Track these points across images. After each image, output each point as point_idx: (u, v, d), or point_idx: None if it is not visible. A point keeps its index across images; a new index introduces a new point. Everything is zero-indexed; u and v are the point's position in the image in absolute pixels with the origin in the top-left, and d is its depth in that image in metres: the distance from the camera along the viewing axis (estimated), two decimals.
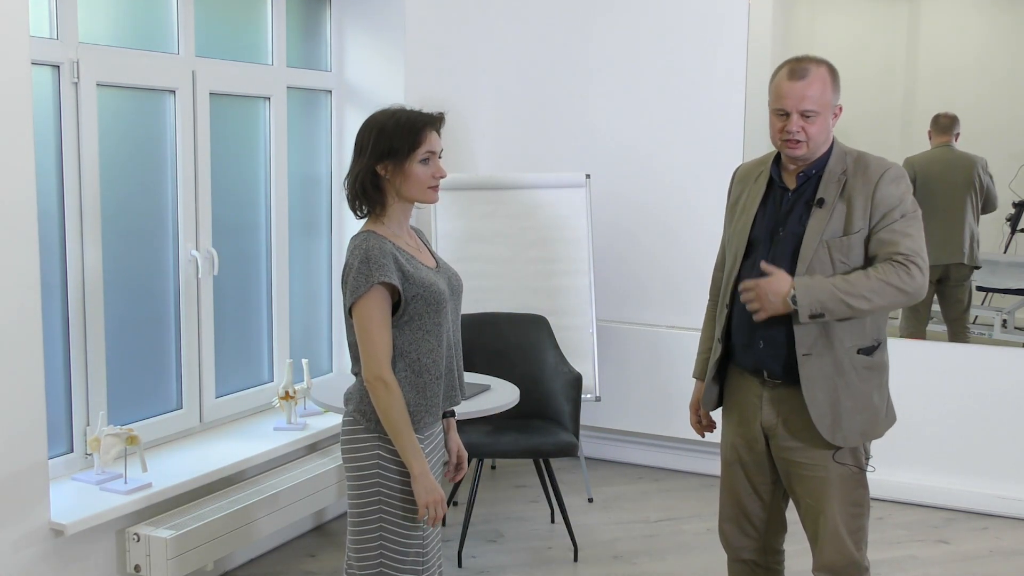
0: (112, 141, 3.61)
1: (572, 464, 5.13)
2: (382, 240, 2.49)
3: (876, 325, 2.75)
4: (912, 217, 2.68)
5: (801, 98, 2.66)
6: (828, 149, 2.75)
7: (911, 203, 2.69)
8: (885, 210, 2.66)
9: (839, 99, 2.74)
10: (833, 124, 2.74)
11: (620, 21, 5.11)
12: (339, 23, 4.72)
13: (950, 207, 4.84)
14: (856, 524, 2.82)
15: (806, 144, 2.69)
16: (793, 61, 2.71)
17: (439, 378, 2.58)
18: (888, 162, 2.75)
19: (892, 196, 2.67)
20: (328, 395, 3.77)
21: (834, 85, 2.71)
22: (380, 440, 2.52)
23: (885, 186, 2.67)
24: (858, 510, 2.82)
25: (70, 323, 3.48)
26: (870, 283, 2.59)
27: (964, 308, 4.89)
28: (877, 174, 2.69)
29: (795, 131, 2.67)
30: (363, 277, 2.43)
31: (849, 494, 2.80)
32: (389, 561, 2.55)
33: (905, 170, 2.75)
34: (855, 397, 2.74)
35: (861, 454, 2.82)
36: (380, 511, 2.53)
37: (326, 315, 4.79)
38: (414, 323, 2.52)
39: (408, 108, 2.57)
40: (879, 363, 2.79)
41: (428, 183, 2.54)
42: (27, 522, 3.08)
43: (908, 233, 2.65)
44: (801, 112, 2.66)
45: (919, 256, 2.63)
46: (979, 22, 4.96)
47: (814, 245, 2.68)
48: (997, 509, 4.63)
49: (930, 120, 4.82)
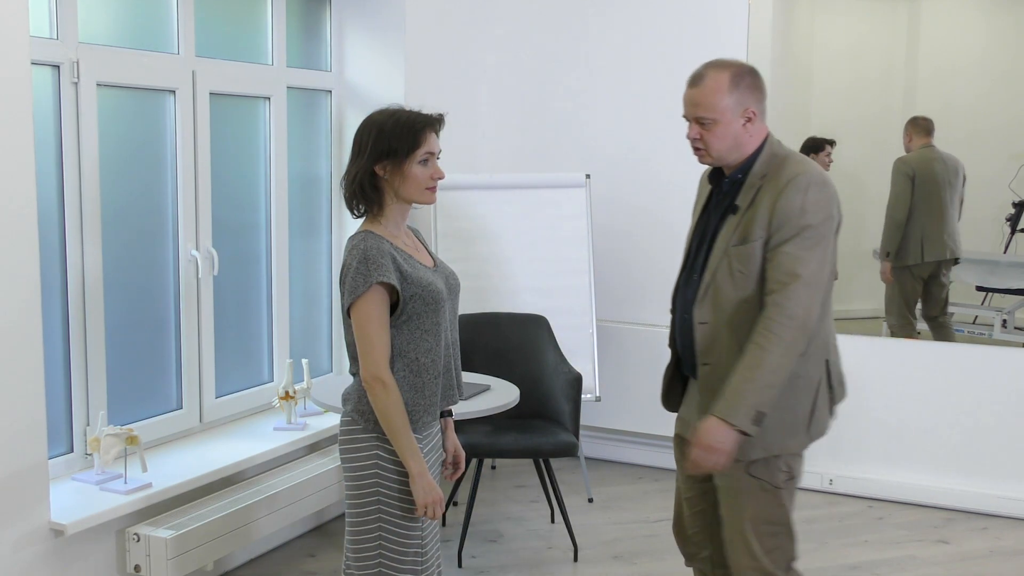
0: (112, 141, 3.61)
1: (572, 464, 5.13)
2: (380, 240, 2.49)
3: None
4: (810, 235, 2.50)
5: (694, 105, 2.60)
6: (757, 151, 2.62)
7: (816, 216, 2.51)
8: (781, 222, 2.51)
9: (754, 102, 2.59)
10: (748, 128, 2.59)
11: (620, 21, 5.11)
12: (339, 23, 4.72)
13: (946, 205, 4.86)
14: (772, 543, 2.69)
15: (706, 152, 2.62)
16: (701, 66, 2.63)
17: (437, 377, 2.58)
18: (804, 168, 2.57)
19: (792, 206, 2.50)
20: (328, 395, 3.77)
21: (736, 89, 2.56)
22: (379, 440, 2.52)
23: (789, 194, 2.51)
24: (773, 528, 2.68)
25: (70, 323, 3.48)
26: (758, 355, 2.47)
27: (945, 304, 4.92)
28: (785, 180, 2.54)
29: (692, 138, 2.62)
30: (361, 277, 2.43)
31: (763, 510, 2.67)
32: (388, 561, 2.55)
33: (823, 180, 2.56)
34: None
35: (777, 470, 2.66)
36: (379, 511, 2.53)
37: (326, 315, 4.79)
38: (412, 323, 2.52)
39: (408, 108, 2.56)
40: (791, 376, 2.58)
41: (426, 184, 2.54)
42: (27, 522, 3.08)
43: (797, 256, 2.49)
44: (696, 119, 2.60)
45: (798, 282, 2.47)
46: (979, 22, 4.96)
47: (719, 255, 2.60)
48: (997, 509, 4.63)
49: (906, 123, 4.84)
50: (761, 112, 2.63)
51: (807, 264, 2.49)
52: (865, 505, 4.76)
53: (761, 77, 2.65)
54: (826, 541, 4.33)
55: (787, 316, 2.47)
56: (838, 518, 4.60)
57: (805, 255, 2.49)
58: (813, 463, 4.95)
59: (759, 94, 2.62)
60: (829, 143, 5.01)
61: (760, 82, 2.64)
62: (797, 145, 5.06)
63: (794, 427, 2.63)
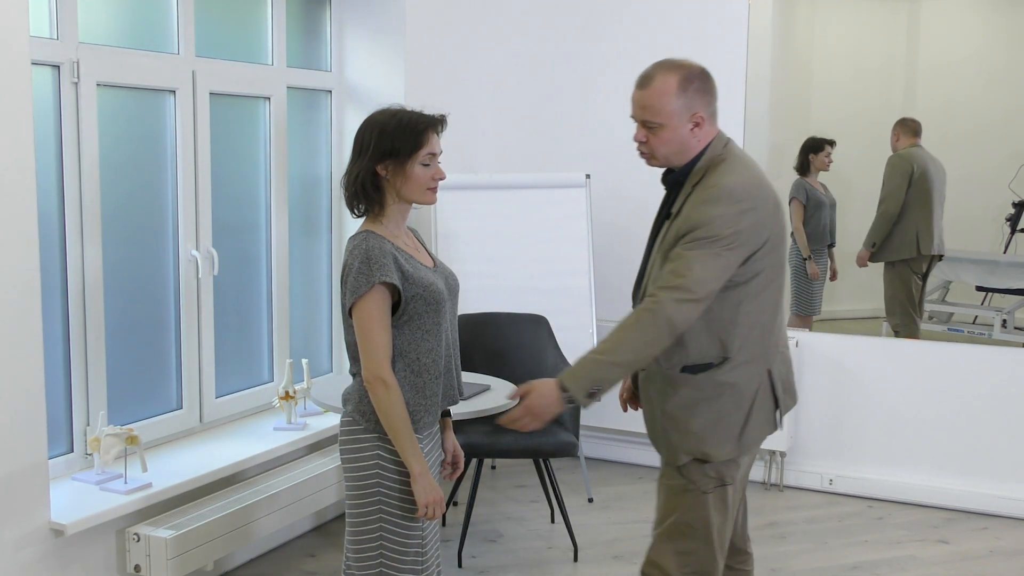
0: (112, 141, 3.61)
1: (572, 464, 5.13)
2: (381, 240, 2.49)
3: (711, 345, 2.57)
4: (706, 247, 2.45)
5: (641, 107, 2.57)
6: (700, 154, 2.59)
7: (719, 229, 2.46)
8: (687, 228, 2.49)
9: (702, 106, 2.56)
10: (695, 133, 2.56)
11: (620, 21, 5.11)
12: (339, 23, 4.72)
13: (938, 202, 4.89)
14: (684, 545, 2.64)
15: (651, 155, 2.60)
16: (650, 66, 2.59)
17: (438, 378, 2.58)
18: (727, 180, 2.52)
19: (700, 216, 2.48)
20: (328, 395, 3.77)
21: (684, 93, 2.53)
22: (380, 440, 2.52)
23: (701, 204, 2.50)
24: (689, 530, 2.64)
25: (70, 323, 3.48)
26: (617, 336, 2.47)
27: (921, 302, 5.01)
28: (704, 188, 2.52)
29: (638, 140, 2.60)
30: (363, 277, 2.43)
31: (683, 512, 2.64)
32: (389, 561, 2.55)
33: (740, 195, 2.50)
34: (675, 418, 2.62)
35: (705, 475, 2.62)
36: (380, 511, 2.53)
37: (326, 315, 4.79)
38: (413, 323, 2.52)
39: (409, 109, 2.56)
40: (713, 383, 2.58)
41: (427, 184, 2.54)
42: (27, 522, 3.08)
43: (688, 261, 2.45)
44: (642, 121, 2.57)
45: (679, 285, 2.44)
46: (978, 22, 4.96)
47: (654, 259, 2.61)
48: (997, 509, 4.63)
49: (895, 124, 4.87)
50: (710, 115, 2.59)
51: (693, 272, 2.45)
52: (865, 505, 4.76)
53: (712, 79, 2.61)
54: (826, 541, 4.33)
55: (657, 314, 2.45)
56: (838, 518, 4.60)
57: (695, 264, 2.45)
58: (813, 463, 4.99)
59: (708, 97, 2.58)
60: (829, 143, 5.01)
61: (710, 85, 2.60)
62: (797, 145, 5.07)
63: (723, 435, 2.60)
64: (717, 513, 2.64)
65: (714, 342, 2.57)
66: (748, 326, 2.57)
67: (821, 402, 4.93)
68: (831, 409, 4.93)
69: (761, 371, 2.63)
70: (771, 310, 2.63)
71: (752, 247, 2.51)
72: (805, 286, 5.17)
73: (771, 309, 2.63)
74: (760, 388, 2.62)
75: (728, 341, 2.57)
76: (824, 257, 5.17)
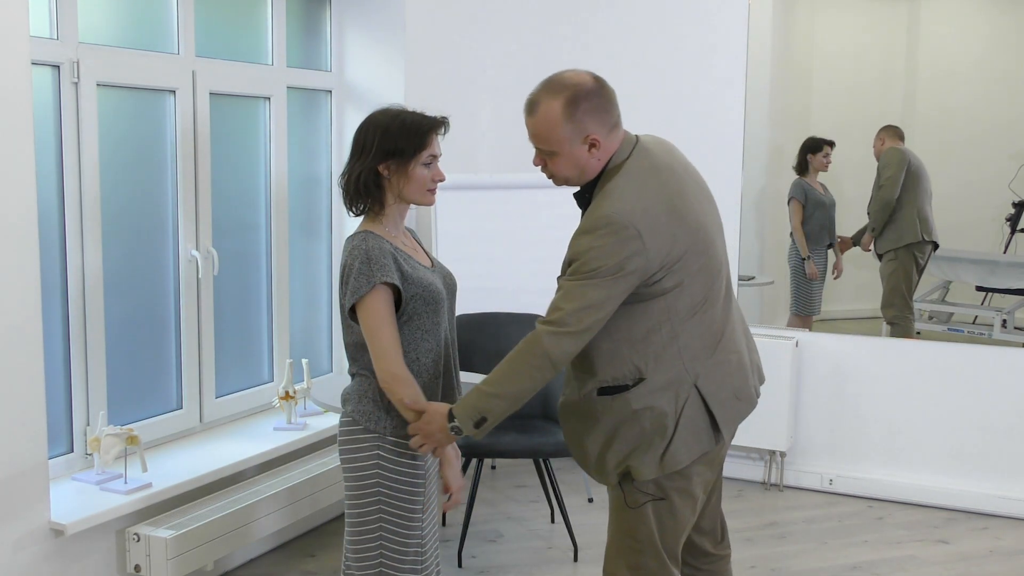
0: (112, 141, 3.61)
1: (572, 464, 5.12)
2: (381, 240, 2.49)
3: (623, 366, 2.50)
4: (581, 271, 2.40)
5: (532, 135, 2.51)
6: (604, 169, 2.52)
7: (598, 261, 2.38)
8: (569, 259, 2.47)
9: (596, 125, 2.46)
10: (593, 153, 2.47)
11: (620, 21, 5.10)
12: (339, 23, 4.72)
13: (930, 194, 4.91)
14: (635, 560, 2.60)
15: (554, 179, 2.55)
16: (536, 89, 2.51)
17: (438, 377, 2.59)
18: (608, 205, 2.42)
19: (578, 246, 2.44)
20: (328, 395, 3.77)
21: (571, 118, 2.43)
22: (379, 440, 2.52)
23: (581, 234, 2.45)
24: (636, 544, 2.59)
25: (70, 323, 3.48)
26: (502, 369, 2.46)
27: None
28: (587, 215, 2.47)
29: (536, 164, 2.56)
30: (364, 278, 2.43)
31: (625, 524, 2.60)
32: (389, 561, 2.55)
33: (617, 220, 2.38)
34: (598, 440, 2.56)
35: (636, 491, 2.56)
36: (380, 512, 2.53)
37: (326, 315, 4.79)
38: (413, 323, 2.52)
39: (410, 110, 2.57)
40: (629, 405, 2.50)
41: (427, 186, 2.55)
42: (27, 522, 3.08)
43: (565, 288, 2.43)
44: (537, 150, 2.52)
45: (558, 318, 2.39)
46: (978, 22, 4.96)
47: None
48: (997, 509, 4.63)
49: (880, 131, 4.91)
50: (608, 130, 2.48)
51: (571, 304, 2.39)
52: (865, 505, 4.76)
53: (606, 90, 2.51)
54: (826, 541, 4.33)
55: (534, 348, 2.42)
56: (838, 518, 4.60)
57: (574, 296, 2.40)
58: (813, 463, 4.99)
59: (603, 114, 2.47)
60: (828, 144, 5.02)
61: (604, 98, 2.49)
62: (796, 145, 5.07)
63: (646, 457, 2.52)
64: (662, 526, 2.58)
65: (626, 363, 2.50)
66: (662, 344, 2.48)
67: (821, 402, 4.93)
68: (831, 409, 4.93)
69: (685, 389, 2.51)
70: (705, 321, 2.53)
71: (646, 272, 2.41)
72: (805, 286, 5.17)
73: (704, 320, 2.53)
74: (686, 405, 2.51)
75: (641, 362, 2.49)
76: (823, 257, 5.17)
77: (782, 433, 4.84)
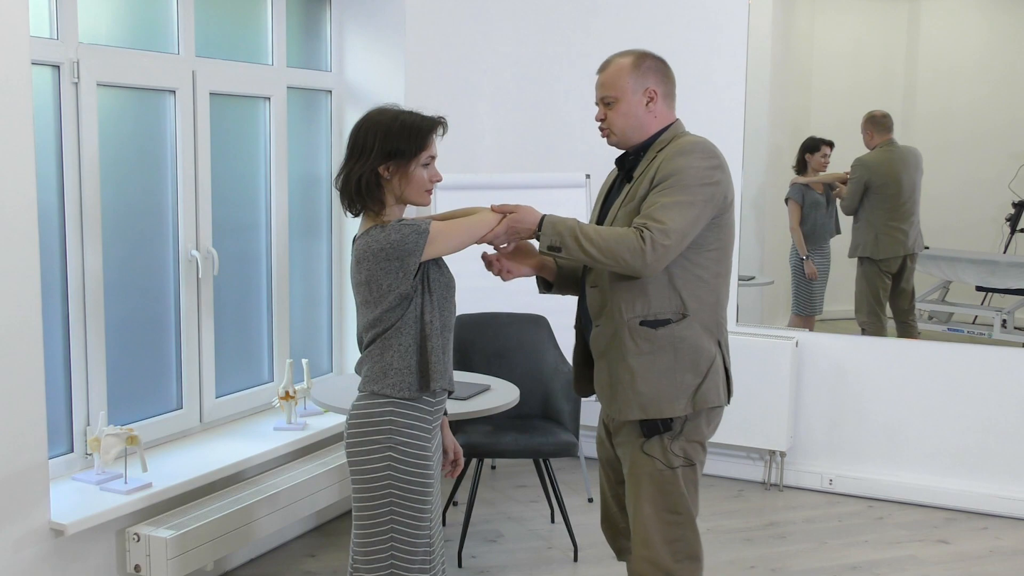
0: (112, 141, 3.61)
1: (572, 464, 5.13)
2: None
3: (672, 300, 2.64)
4: (679, 186, 2.57)
5: (599, 86, 2.75)
6: (661, 131, 2.73)
7: (693, 175, 2.58)
8: (661, 178, 2.60)
9: (656, 83, 2.71)
10: (651, 108, 2.71)
11: (620, 21, 5.11)
12: (339, 23, 4.72)
13: (910, 200, 4.90)
14: (673, 533, 2.68)
15: (610, 131, 2.75)
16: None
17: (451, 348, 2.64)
18: (697, 138, 2.69)
19: (674, 164, 2.59)
20: (328, 395, 3.77)
21: (637, 70, 2.70)
22: (392, 434, 2.52)
23: (674, 156, 2.62)
24: (674, 517, 2.67)
25: (70, 323, 3.48)
26: (602, 237, 2.55)
27: (912, 298, 4.96)
28: (674, 146, 2.66)
29: (598, 119, 2.77)
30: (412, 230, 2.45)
31: (662, 497, 2.67)
32: (399, 561, 2.55)
33: (712, 151, 2.65)
34: (632, 370, 2.65)
35: (671, 451, 2.67)
36: (391, 512, 2.53)
37: (326, 315, 4.79)
38: (436, 295, 2.56)
39: (408, 110, 2.57)
40: (670, 338, 2.64)
41: (426, 187, 2.56)
42: (27, 522, 3.09)
43: (663, 203, 2.55)
44: (601, 99, 2.74)
45: (659, 229, 2.52)
46: (979, 22, 4.96)
47: (610, 220, 2.71)
48: (997, 509, 4.63)
49: (864, 121, 4.87)
50: (664, 95, 2.74)
51: (673, 217, 2.54)
52: (865, 505, 4.76)
53: (669, 68, 2.78)
54: (826, 541, 4.33)
55: (638, 243, 2.51)
56: (838, 518, 4.60)
57: (673, 209, 2.54)
58: (813, 463, 4.99)
59: (661, 77, 2.73)
60: (827, 144, 5.02)
61: (664, 68, 2.76)
62: (796, 145, 5.07)
63: (675, 392, 2.65)
64: (691, 495, 2.70)
65: (675, 297, 2.64)
66: (705, 291, 2.66)
67: (821, 402, 4.93)
68: (831, 409, 4.93)
69: (713, 340, 2.70)
70: (724, 285, 2.72)
71: (720, 207, 2.63)
72: (804, 286, 5.17)
73: (724, 283, 2.72)
74: (715, 356, 2.69)
75: (687, 299, 2.64)
76: (822, 257, 5.17)
77: (782, 433, 4.84)
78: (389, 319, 2.52)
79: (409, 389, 2.53)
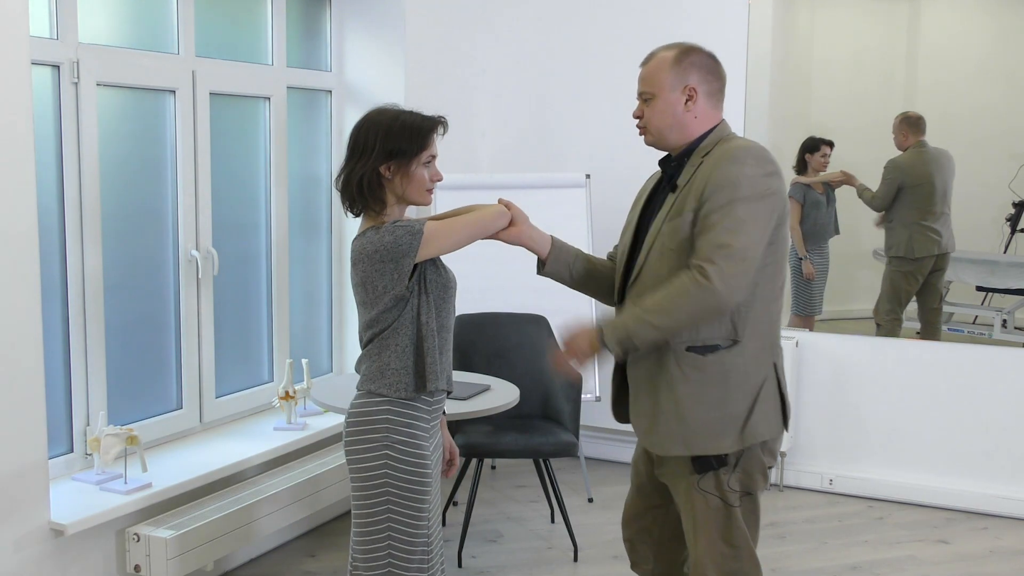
0: (112, 141, 3.61)
1: (572, 464, 5.13)
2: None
3: (722, 324, 2.44)
4: (740, 202, 2.35)
5: (639, 80, 2.57)
6: (705, 134, 2.53)
7: (749, 186, 2.37)
8: (712, 190, 2.38)
9: (697, 80, 2.52)
10: (690, 108, 2.51)
11: (620, 21, 5.11)
12: (339, 23, 4.72)
13: (942, 201, 4.89)
14: (730, 567, 2.51)
15: (646, 129, 2.57)
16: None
17: (450, 350, 2.63)
18: (747, 143, 2.48)
19: (725, 175, 2.38)
20: (328, 395, 3.77)
21: (678, 65, 2.50)
22: (388, 434, 2.52)
23: (724, 165, 2.40)
24: (732, 551, 2.51)
25: (70, 323, 3.48)
26: (663, 298, 2.38)
27: (941, 298, 4.96)
28: (723, 152, 2.44)
29: (635, 116, 2.59)
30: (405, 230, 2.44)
31: (719, 531, 2.50)
32: (397, 561, 2.55)
33: (765, 156, 2.44)
34: (678, 400, 2.47)
35: (727, 486, 2.49)
36: (388, 511, 2.54)
37: (326, 315, 4.79)
38: (432, 296, 2.55)
39: (408, 110, 2.57)
40: (720, 366, 2.45)
41: (427, 186, 2.56)
42: (27, 522, 3.08)
43: (727, 227, 2.34)
44: (640, 94, 2.57)
45: (723, 255, 2.33)
46: (979, 22, 4.96)
47: (654, 233, 2.52)
48: (997, 509, 4.63)
49: (898, 121, 4.85)
50: (708, 93, 2.54)
51: (738, 236, 2.34)
52: (865, 505, 4.77)
53: (718, 64, 2.57)
54: (826, 541, 4.33)
55: (704, 285, 2.33)
56: (838, 518, 4.60)
57: (736, 227, 2.34)
58: (813, 463, 4.99)
59: (706, 74, 2.53)
60: (827, 144, 5.02)
61: (711, 64, 2.55)
62: (796, 145, 5.07)
63: (723, 426, 2.46)
64: (749, 525, 2.53)
65: (725, 322, 2.43)
66: (760, 311, 2.46)
67: (821, 402, 4.93)
68: (831, 409, 4.93)
69: (767, 363, 2.50)
70: (778, 302, 2.52)
71: (780, 218, 2.44)
72: (804, 286, 5.17)
73: (778, 301, 2.52)
74: (767, 380, 2.49)
75: (739, 323, 2.44)
76: (822, 257, 5.17)
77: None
78: (386, 320, 2.52)
79: (405, 389, 2.53)
